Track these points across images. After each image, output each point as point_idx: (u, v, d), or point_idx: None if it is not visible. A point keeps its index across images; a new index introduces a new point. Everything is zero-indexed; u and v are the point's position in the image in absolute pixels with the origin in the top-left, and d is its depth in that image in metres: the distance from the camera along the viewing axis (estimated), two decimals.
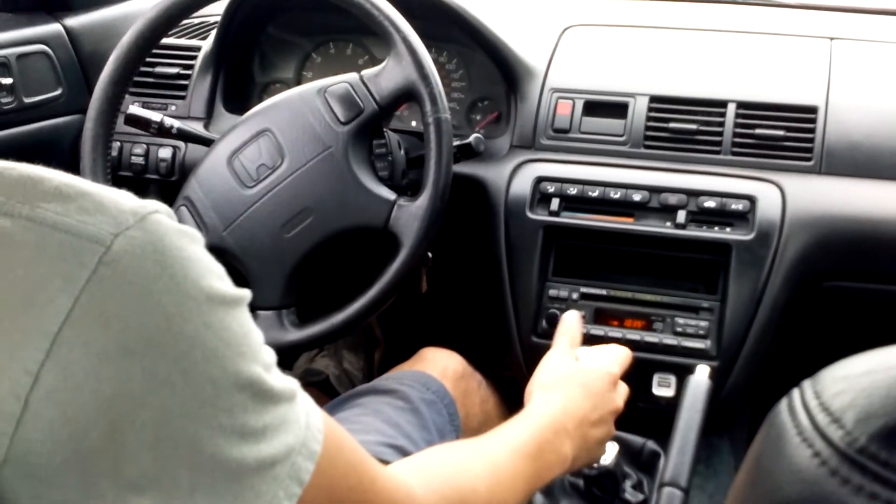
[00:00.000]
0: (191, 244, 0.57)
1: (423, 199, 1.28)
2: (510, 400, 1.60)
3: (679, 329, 1.44)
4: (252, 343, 0.59)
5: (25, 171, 0.56)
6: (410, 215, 1.28)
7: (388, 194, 1.31)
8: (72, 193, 0.55)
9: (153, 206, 0.57)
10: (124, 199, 0.56)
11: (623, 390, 1.17)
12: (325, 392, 1.85)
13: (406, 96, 1.30)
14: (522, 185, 1.52)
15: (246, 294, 0.61)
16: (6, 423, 0.51)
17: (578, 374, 1.12)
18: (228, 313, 0.58)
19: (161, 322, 0.53)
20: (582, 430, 1.06)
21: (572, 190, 1.49)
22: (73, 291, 0.51)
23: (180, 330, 0.54)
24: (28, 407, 0.50)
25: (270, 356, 0.62)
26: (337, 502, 0.66)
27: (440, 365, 1.40)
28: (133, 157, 1.65)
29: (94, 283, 0.51)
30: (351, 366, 1.92)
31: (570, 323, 1.24)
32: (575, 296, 1.49)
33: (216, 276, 0.58)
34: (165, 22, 1.37)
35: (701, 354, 1.42)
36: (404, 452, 1.15)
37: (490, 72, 1.64)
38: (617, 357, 1.19)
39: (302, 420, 0.62)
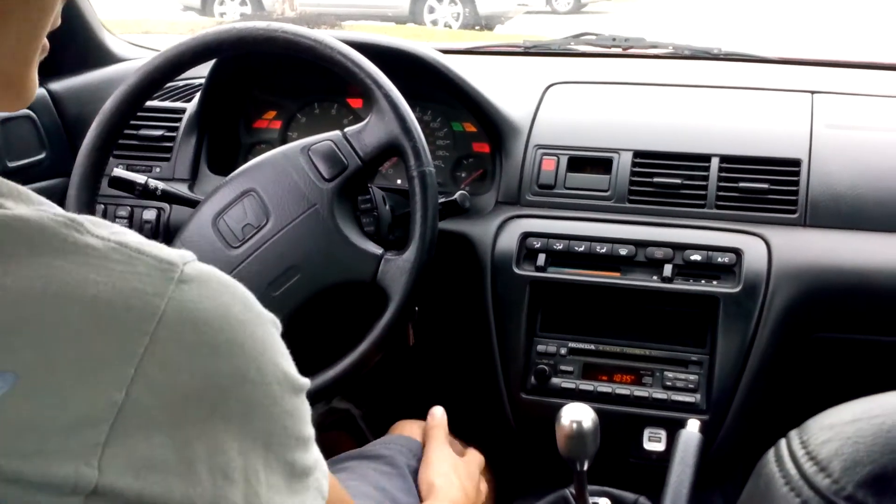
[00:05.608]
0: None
1: (410, 253, 1.28)
2: (495, 467, 1.59)
3: (668, 383, 1.44)
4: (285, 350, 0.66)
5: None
6: (398, 269, 1.28)
7: (375, 249, 1.31)
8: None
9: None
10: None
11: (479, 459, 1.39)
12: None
13: (390, 151, 1.31)
14: (508, 240, 1.52)
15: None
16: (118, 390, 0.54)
17: (460, 465, 1.31)
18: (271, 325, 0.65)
19: (237, 326, 0.60)
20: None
21: (558, 245, 1.49)
22: (163, 298, 0.56)
23: (252, 332, 0.61)
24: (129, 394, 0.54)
25: None
26: None
27: (418, 436, 1.39)
28: (117, 220, 1.64)
29: (177, 294, 0.57)
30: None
31: (438, 416, 1.37)
32: (563, 351, 1.48)
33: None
34: (148, 86, 1.38)
35: (691, 408, 1.42)
36: None
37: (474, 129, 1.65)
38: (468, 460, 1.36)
39: None
